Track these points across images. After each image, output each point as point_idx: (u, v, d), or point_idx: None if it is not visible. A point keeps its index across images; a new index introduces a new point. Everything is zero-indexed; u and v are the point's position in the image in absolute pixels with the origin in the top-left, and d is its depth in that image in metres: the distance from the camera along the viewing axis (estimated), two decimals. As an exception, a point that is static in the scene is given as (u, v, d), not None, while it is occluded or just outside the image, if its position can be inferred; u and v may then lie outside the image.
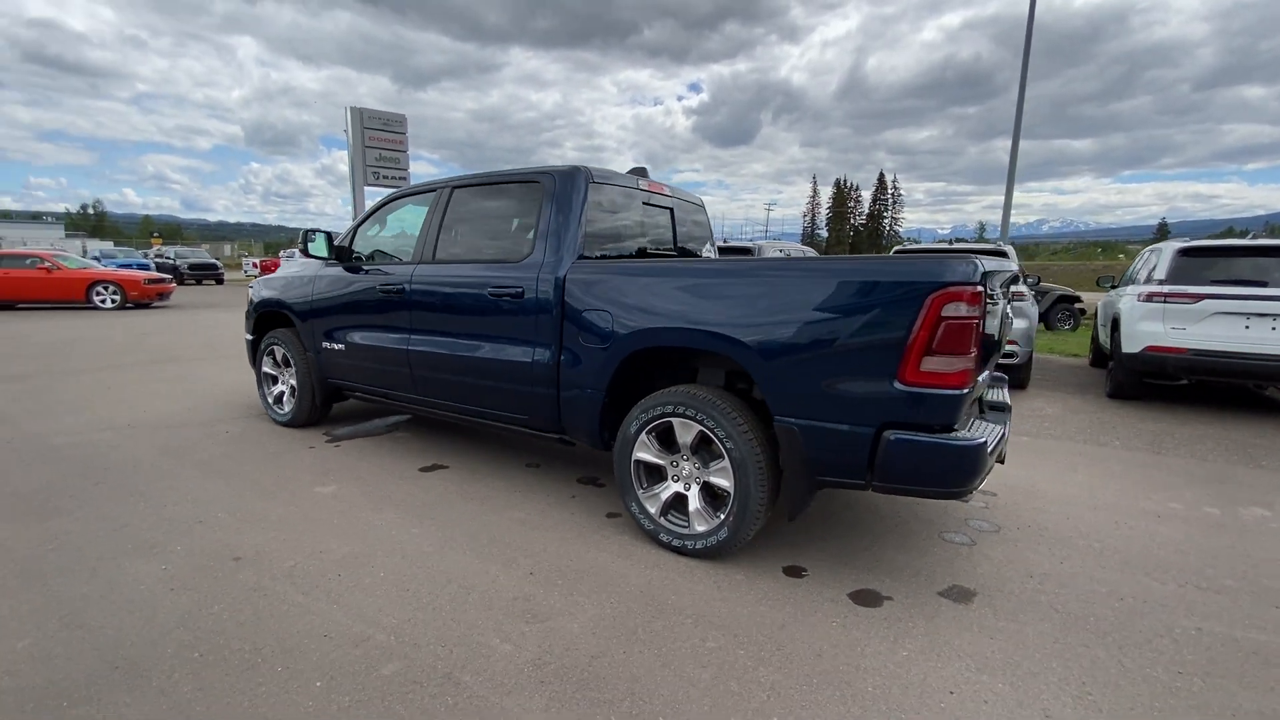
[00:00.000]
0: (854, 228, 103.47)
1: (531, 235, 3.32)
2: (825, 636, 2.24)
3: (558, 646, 2.15)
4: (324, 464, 3.98)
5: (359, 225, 4.36)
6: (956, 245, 7.52)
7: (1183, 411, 6.04)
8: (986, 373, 2.63)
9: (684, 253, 4.16)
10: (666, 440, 2.87)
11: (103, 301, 14.31)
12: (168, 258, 27.30)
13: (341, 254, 4.23)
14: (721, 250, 8.45)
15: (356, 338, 4.15)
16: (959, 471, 2.25)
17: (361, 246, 4.29)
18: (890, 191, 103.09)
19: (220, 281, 26.70)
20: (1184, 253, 6.00)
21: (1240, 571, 2.82)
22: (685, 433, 2.77)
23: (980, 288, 2.20)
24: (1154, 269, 6.29)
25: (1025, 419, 5.62)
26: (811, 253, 10.81)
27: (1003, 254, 6.77)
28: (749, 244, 8.80)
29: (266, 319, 4.90)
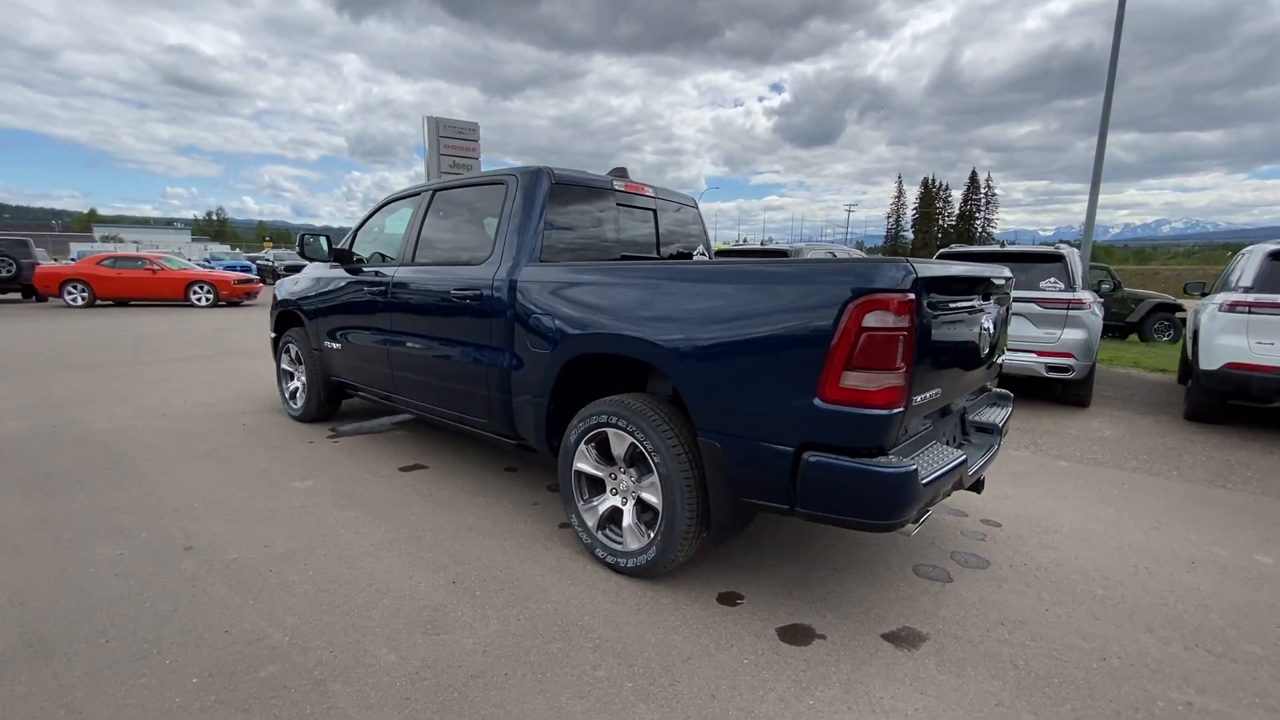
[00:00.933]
0: (942, 229, 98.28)
1: (493, 237, 3.29)
2: (729, 675, 2.05)
3: (441, 662, 2.08)
4: (313, 459, 4.11)
5: (359, 227, 4.49)
6: (1008, 248, 6.84)
7: (1272, 440, 5.23)
8: (935, 390, 2.30)
9: (675, 257, 4.01)
10: (605, 451, 2.74)
11: (198, 300, 15.69)
12: (267, 260, 29.68)
13: (340, 256, 4.36)
14: (756, 253, 8.17)
15: (350, 337, 4.27)
16: (882, 501, 1.99)
17: (361, 249, 4.42)
18: (984, 191, 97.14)
19: (310, 282, 28.66)
20: (1276, 255, 5.20)
21: (1273, 636, 2.36)
22: (619, 444, 2.63)
23: (910, 295, 1.94)
24: (1241, 274, 5.50)
25: (1074, 442, 5.04)
26: (859, 255, 10.22)
27: (1056, 257, 6.14)
28: (785, 246, 8.43)
29: (285, 318, 5.15)
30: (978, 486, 2.71)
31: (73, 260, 20.82)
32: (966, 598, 2.60)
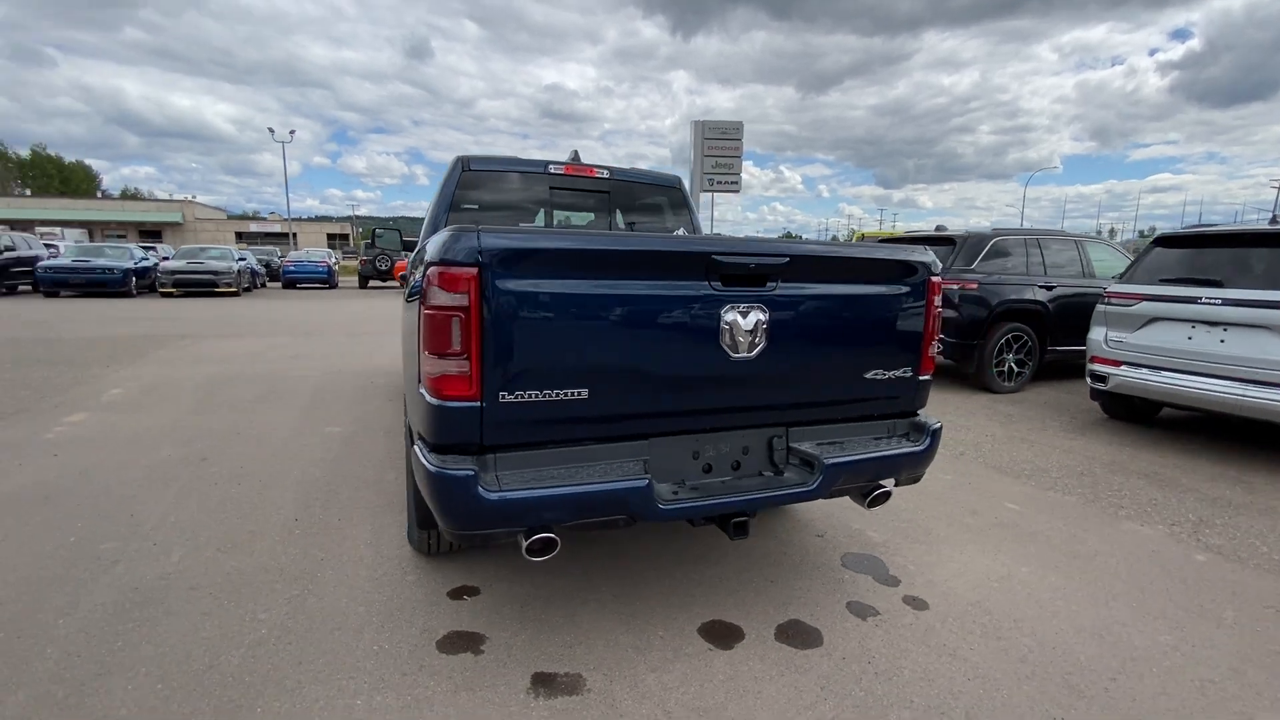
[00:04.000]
0: None
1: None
2: (330, 663, 1.99)
3: (181, 574, 2.48)
4: (371, 414, 4.99)
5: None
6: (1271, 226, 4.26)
7: None
8: (578, 391, 1.76)
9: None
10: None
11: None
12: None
13: (407, 246, 5.16)
14: (922, 240, 6.88)
15: (407, 314, 5.06)
16: (439, 504, 1.72)
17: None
18: None
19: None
20: None
21: None
22: (413, 420, 2.71)
23: (469, 270, 1.63)
24: None
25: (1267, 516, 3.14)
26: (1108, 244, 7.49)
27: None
28: (958, 232, 6.78)
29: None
30: (726, 527, 2.02)
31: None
32: (709, 674, 1.99)
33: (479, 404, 1.71)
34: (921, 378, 2.28)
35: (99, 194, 60.73)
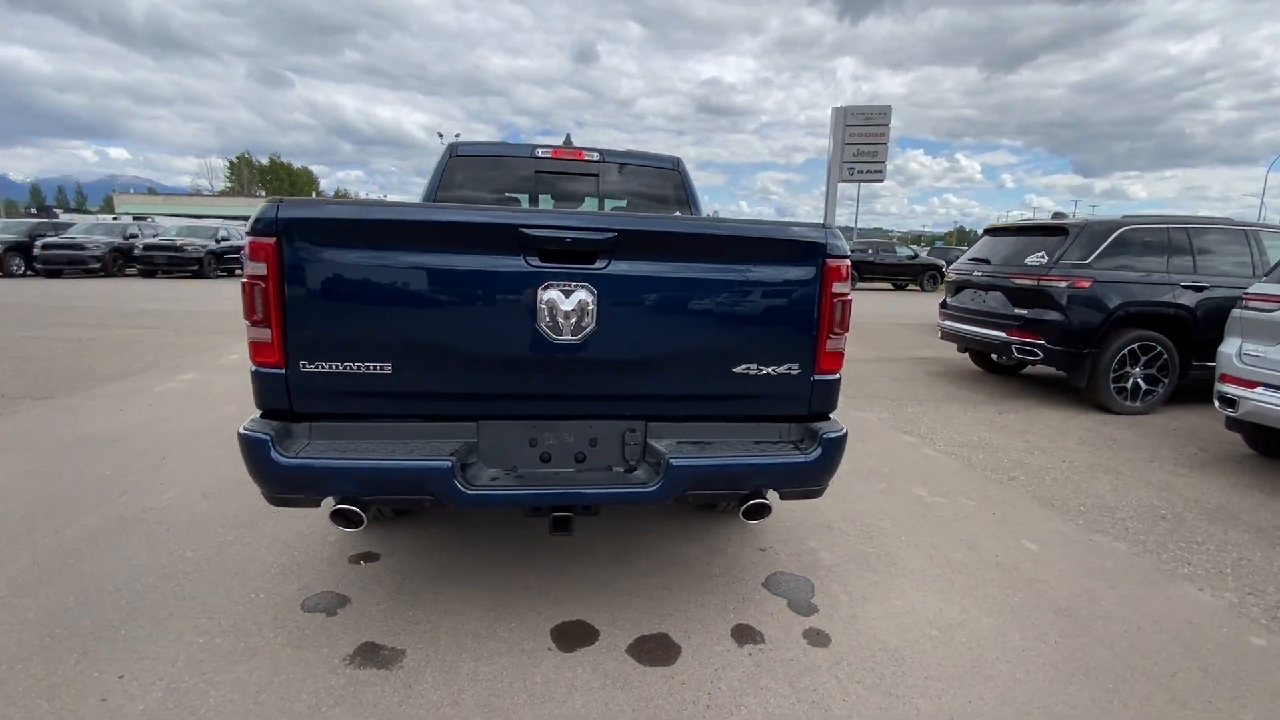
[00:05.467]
0: None
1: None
2: (192, 605, 2.18)
3: (156, 508, 2.85)
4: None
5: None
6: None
7: None
8: (380, 365, 1.73)
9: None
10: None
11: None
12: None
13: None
14: (1035, 229, 5.99)
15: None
16: (245, 464, 1.78)
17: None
18: None
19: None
20: None
21: None
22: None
23: (267, 239, 1.66)
24: None
25: None
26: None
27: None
28: (1070, 223, 5.67)
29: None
30: (554, 525, 1.86)
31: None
32: (529, 674, 1.88)
33: (283, 371, 1.76)
34: (818, 377, 1.95)
35: (315, 194, 71.56)
